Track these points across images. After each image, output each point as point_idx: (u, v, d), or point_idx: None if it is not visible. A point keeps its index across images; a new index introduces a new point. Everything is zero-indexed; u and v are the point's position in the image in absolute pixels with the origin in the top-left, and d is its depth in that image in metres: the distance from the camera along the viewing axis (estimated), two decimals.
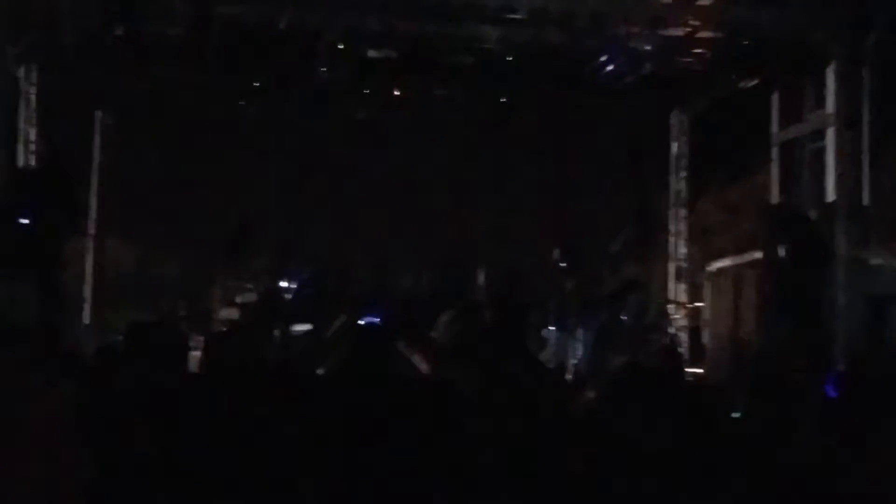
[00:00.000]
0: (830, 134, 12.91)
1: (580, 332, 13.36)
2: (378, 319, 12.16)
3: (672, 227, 16.12)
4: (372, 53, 13.03)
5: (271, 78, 13.97)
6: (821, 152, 13.18)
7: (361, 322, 11.63)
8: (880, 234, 12.71)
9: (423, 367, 6.88)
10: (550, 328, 13.49)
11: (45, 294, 12.07)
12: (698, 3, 12.30)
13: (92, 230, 15.55)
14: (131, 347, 6.17)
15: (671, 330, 15.00)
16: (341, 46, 12.86)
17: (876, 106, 12.51)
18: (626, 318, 13.89)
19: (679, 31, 12.87)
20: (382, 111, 14.28)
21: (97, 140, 15.72)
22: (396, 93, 13.99)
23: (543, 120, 14.88)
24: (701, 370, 13.94)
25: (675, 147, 16.12)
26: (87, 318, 15.20)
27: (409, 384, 5.63)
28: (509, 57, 13.06)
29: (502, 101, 13.94)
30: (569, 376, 11.97)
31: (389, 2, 11.74)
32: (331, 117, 14.89)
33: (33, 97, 14.50)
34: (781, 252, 12.52)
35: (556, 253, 14.10)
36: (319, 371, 7.04)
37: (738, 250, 14.59)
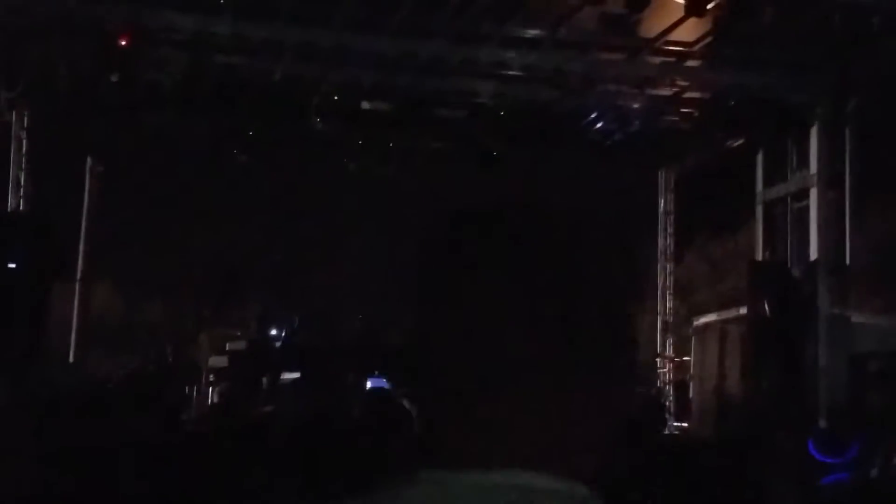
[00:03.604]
0: (814, 193, 13.12)
1: None
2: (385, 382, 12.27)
3: (659, 282, 16.26)
4: (366, 105, 13.16)
5: (265, 128, 14.08)
6: (804, 211, 13.37)
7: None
8: (862, 293, 12.87)
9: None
10: None
11: (31, 337, 12.02)
12: (685, 64, 12.55)
13: (79, 275, 15.53)
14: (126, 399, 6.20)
15: (658, 383, 15.09)
16: (336, 98, 13.00)
17: (858, 167, 12.75)
18: None
19: (667, 91, 13.11)
20: (375, 162, 14.40)
21: (87, 186, 15.76)
22: (390, 144, 14.12)
23: (534, 174, 15.04)
24: (686, 424, 14.00)
25: (661, 203, 16.30)
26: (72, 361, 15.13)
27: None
28: (501, 112, 13.24)
29: (494, 155, 14.10)
30: None
31: (385, 55, 11.90)
32: (324, 168, 15.01)
33: (24, 142, 14.56)
34: (765, 308, 12.65)
35: None
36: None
37: (724, 306, 14.73)
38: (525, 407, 1.20)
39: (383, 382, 12.79)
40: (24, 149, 14.56)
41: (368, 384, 12.96)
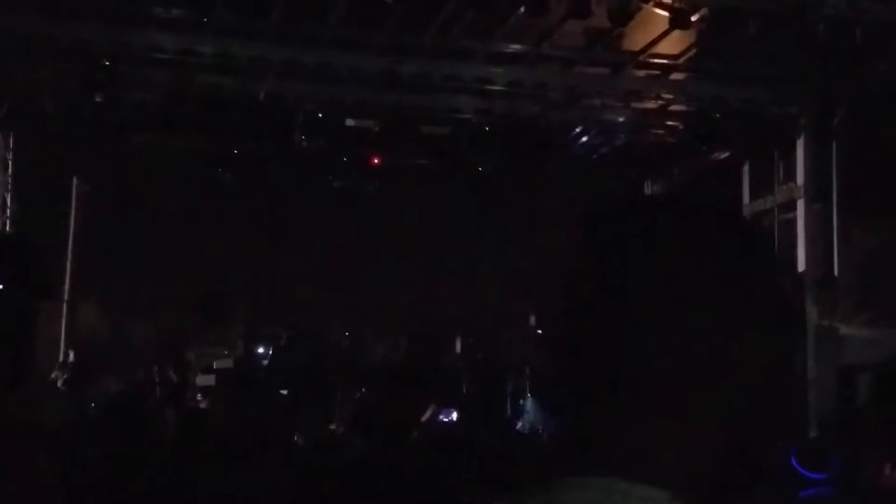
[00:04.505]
0: (800, 206, 13.13)
1: None
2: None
3: None
4: (350, 123, 13.18)
5: (250, 146, 14.08)
6: (791, 223, 13.38)
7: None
8: (850, 305, 12.86)
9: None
10: (528, 395, 13.50)
11: (17, 358, 11.96)
12: (670, 77, 12.57)
13: (66, 296, 15.48)
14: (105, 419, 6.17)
15: None
16: (320, 116, 13.01)
17: (844, 179, 12.76)
18: None
19: (652, 105, 13.13)
20: (360, 179, 14.40)
21: (73, 206, 15.73)
22: (374, 161, 14.13)
23: (518, 189, 15.05)
24: None
25: None
26: (59, 383, 15.04)
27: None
28: (486, 127, 13.26)
29: (478, 171, 14.11)
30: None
31: (368, 72, 11.92)
32: (309, 185, 15.00)
33: (10, 163, 14.55)
34: None
35: (532, 320, 14.16)
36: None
37: None
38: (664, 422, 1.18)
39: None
40: (9, 170, 14.55)
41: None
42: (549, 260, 15.90)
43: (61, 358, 14.45)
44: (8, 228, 14.41)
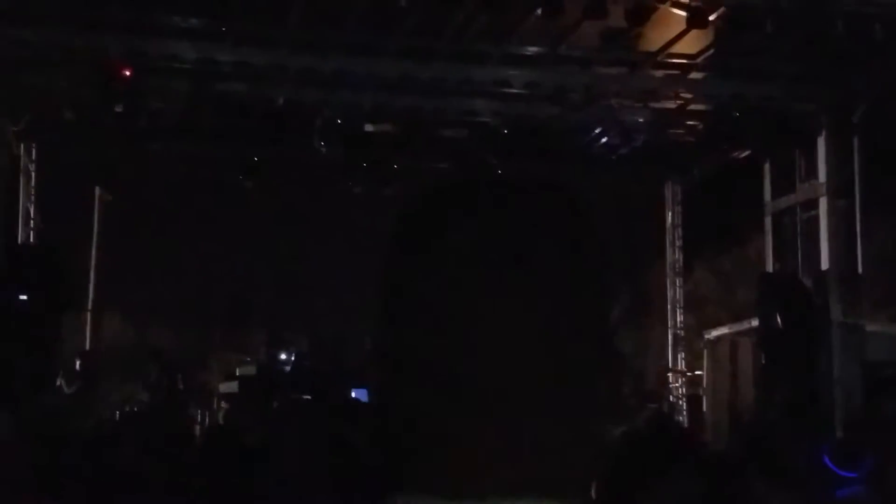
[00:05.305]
0: (822, 203, 13.03)
1: None
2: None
3: (668, 296, 16.19)
4: (369, 128, 13.20)
5: (270, 153, 14.12)
6: (813, 221, 13.28)
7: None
8: (874, 301, 12.77)
9: None
10: None
11: (44, 367, 12.06)
12: (689, 77, 12.52)
13: (90, 305, 15.59)
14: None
15: (671, 398, 15.03)
16: (339, 122, 13.03)
17: (866, 175, 12.66)
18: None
19: (671, 104, 13.08)
20: (380, 184, 14.41)
21: (96, 216, 15.83)
22: (394, 166, 14.14)
23: (540, 192, 15.00)
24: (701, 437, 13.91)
25: (669, 217, 16.24)
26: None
27: None
28: (505, 130, 13.24)
29: (498, 174, 14.10)
30: None
31: (386, 78, 11.94)
32: (329, 191, 15.02)
33: (33, 174, 14.66)
34: (777, 320, 12.56)
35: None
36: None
37: (735, 318, 14.64)
38: (514, 432, 1.15)
39: (363, 394, 12.93)
40: (32, 181, 14.66)
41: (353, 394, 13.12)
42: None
43: (76, 366, 14.55)
44: (32, 239, 14.51)
